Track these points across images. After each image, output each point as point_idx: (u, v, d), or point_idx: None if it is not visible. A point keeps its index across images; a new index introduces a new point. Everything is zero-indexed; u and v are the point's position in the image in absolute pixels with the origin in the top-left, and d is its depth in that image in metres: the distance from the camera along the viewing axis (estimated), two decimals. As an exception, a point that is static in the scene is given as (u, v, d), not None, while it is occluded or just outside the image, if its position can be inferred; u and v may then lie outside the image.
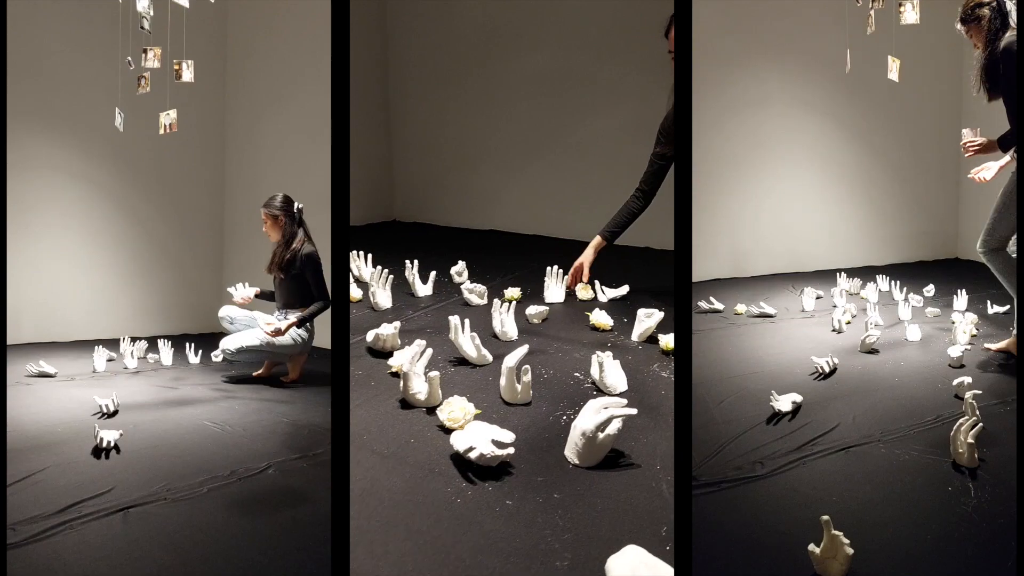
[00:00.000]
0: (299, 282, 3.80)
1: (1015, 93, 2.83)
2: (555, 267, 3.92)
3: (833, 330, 3.63)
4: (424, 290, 3.96)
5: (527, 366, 2.56)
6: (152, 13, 3.14)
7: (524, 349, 2.58)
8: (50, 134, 4.68)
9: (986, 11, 2.88)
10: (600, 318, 3.37)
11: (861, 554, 1.73)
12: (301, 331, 3.79)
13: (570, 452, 2.14)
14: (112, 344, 4.29)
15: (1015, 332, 3.17)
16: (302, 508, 2.31)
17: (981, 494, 2.05)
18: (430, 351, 2.56)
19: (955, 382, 2.74)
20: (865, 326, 3.52)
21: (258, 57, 5.17)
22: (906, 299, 3.94)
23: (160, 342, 4.21)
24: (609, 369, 2.67)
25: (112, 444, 2.68)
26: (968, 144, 3.12)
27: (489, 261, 4.77)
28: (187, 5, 3.04)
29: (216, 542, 2.06)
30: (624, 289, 3.90)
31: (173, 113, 3.36)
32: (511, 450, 2.07)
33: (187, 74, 3.33)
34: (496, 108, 5.97)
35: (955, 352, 3.07)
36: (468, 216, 6.17)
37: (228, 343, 3.73)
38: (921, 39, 3.93)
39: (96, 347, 4.04)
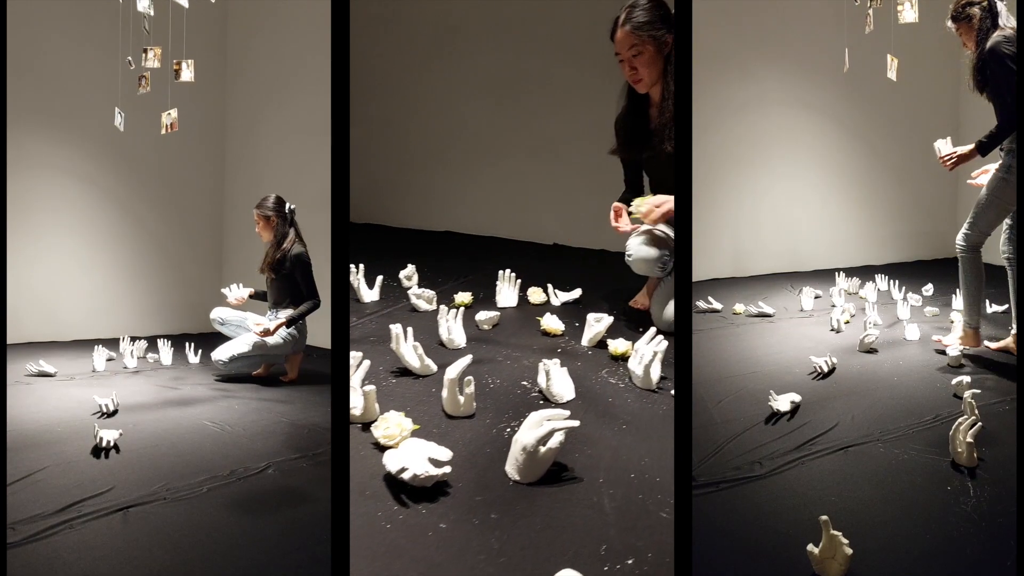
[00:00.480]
0: (290, 282, 3.84)
1: (1002, 93, 2.83)
2: (507, 271, 3.83)
3: (832, 329, 3.63)
4: (370, 295, 3.86)
5: (470, 377, 2.47)
6: (153, 13, 3.13)
7: (467, 359, 2.49)
8: (50, 134, 4.68)
9: (976, 10, 2.88)
10: (551, 323, 3.30)
11: (860, 554, 1.73)
12: (292, 330, 3.82)
13: (511, 468, 2.05)
14: (112, 344, 4.30)
15: (1014, 331, 3.18)
16: (302, 508, 2.31)
17: (980, 493, 2.05)
18: (367, 363, 2.48)
19: (954, 381, 2.75)
20: (864, 325, 3.53)
21: (258, 57, 5.17)
22: (905, 298, 3.94)
23: (160, 342, 4.21)
24: (556, 377, 2.60)
25: (112, 444, 2.68)
26: (946, 158, 3.09)
27: (442, 264, 4.66)
28: (186, 5, 3.04)
29: (216, 542, 2.05)
30: (576, 292, 3.84)
31: (174, 112, 3.36)
32: (447, 469, 1.99)
33: (187, 73, 3.32)
34: (451, 108, 5.82)
35: (954, 351, 3.08)
36: (423, 217, 6.02)
37: (220, 354, 3.77)
38: (920, 38, 3.93)
39: (96, 346, 4.04)
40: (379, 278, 3.97)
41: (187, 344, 4.25)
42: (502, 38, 5.55)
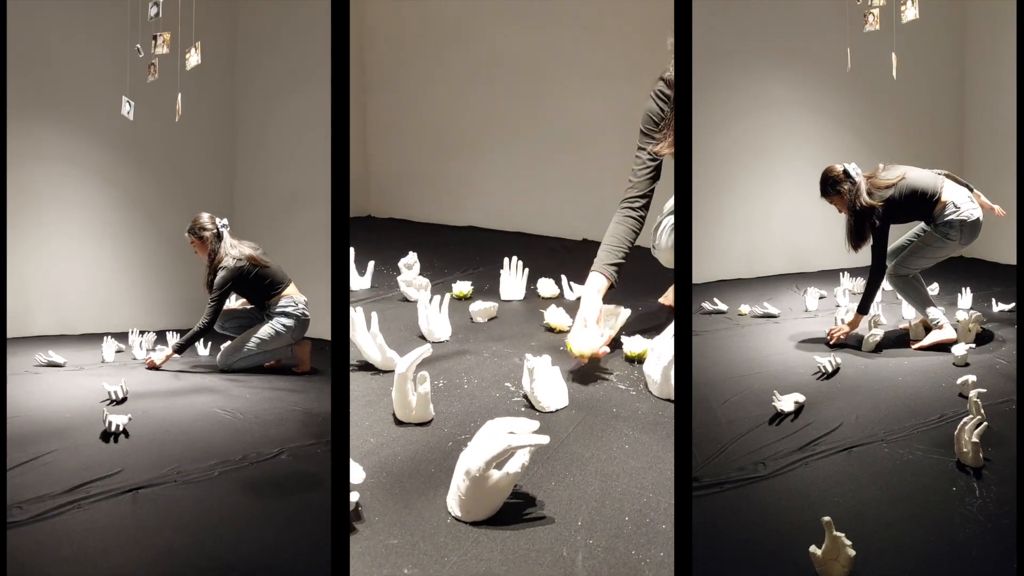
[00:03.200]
0: (240, 290, 3.88)
1: (871, 248, 3.28)
2: (514, 259, 3.49)
3: (837, 329, 3.62)
4: (360, 283, 3.63)
5: (424, 373, 2.05)
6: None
7: (422, 350, 2.05)
8: (59, 125, 4.67)
9: (846, 185, 3.25)
10: (556, 317, 2.93)
11: (863, 555, 1.71)
12: (284, 320, 3.78)
13: (451, 500, 1.58)
14: (121, 337, 4.27)
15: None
16: (315, 492, 2.27)
17: (986, 494, 2.03)
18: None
19: (959, 380, 2.74)
20: (868, 325, 3.52)
21: (268, 45, 5.13)
22: (910, 298, 3.93)
23: (169, 334, 4.19)
24: (543, 379, 2.14)
25: (121, 428, 2.64)
26: (837, 336, 3.38)
27: (456, 257, 4.43)
28: None
29: (228, 524, 2.02)
30: None
31: (179, 99, 3.29)
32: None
33: (194, 57, 3.20)
34: (475, 95, 5.61)
35: (959, 350, 3.07)
36: (445, 212, 5.86)
37: (220, 361, 3.77)
38: (923, 38, 3.93)
39: (105, 338, 4.03)
40: (371, 264, 3.74)
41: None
42: (523, 14, 5.30)
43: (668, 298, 3.33)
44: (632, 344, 2.60)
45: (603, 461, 1.86)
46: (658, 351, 2.31)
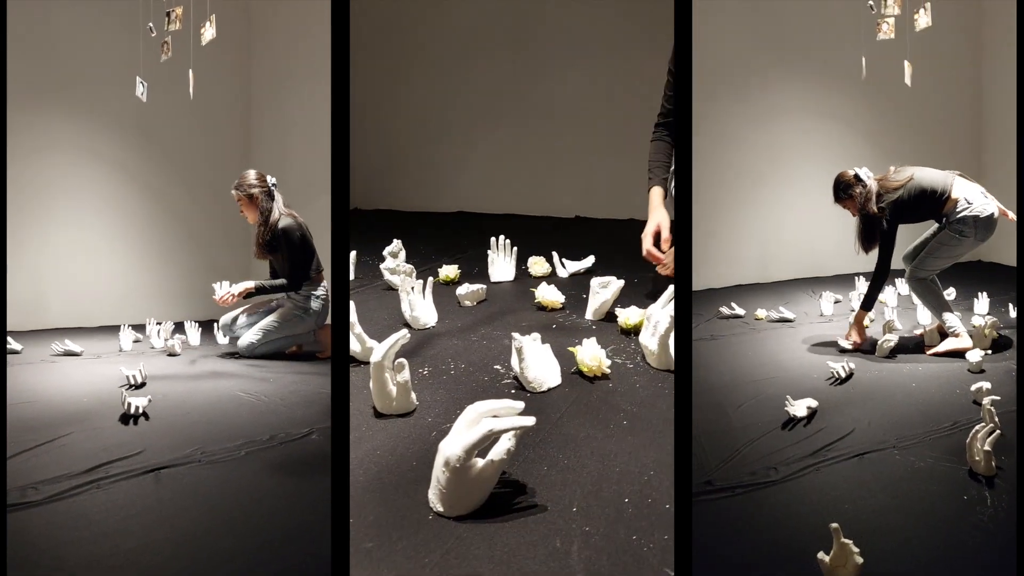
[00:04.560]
0: (299, 252, 3.68)
1: (890, 240, 3.28)
2: (502, 238, 3.40)
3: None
4: None
5: (402, 360, 1.95)
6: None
7: (398, 336, 1.96)
8: (72, 113, 4.65)
9: (858, 189, 3.26)
10: (548, 294, 2.89)
11: (872, 562, 1.69)
12: (312, 304, 3.70)
13: (433, 494, 1.47)
14: (138, 329, 4.26)
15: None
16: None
17: (997, 503, 2.00)
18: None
19: (973, 387, 2.70)
20: (883, 329, 3.52)
21: (282, 28, 5.08)
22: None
23: (187, 323, 4.17)
24: (532, 357, 2.06)
25: (141, 410, 2.60)
26: (851, 340, 3.39)
27: (443, 242, 4.31)
28: None
29: (256, 503, 1.95)
30: (588, 261, 3.39)
31: (190, 75, 3.17)
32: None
33: (209, 31, 3.08)
34: (454, 70, 5.43)
35: (974, 357, 3.04)
36: (433, 198, 5.74)
37: (241, 345, 3.70)
38: (938, 45, 3.91)
39: (122, 326, 4.03)
40: (352, 254, 3.63)
41: (215, 325, 4.13)
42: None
43: (667, 265, 3.27)
44: (627, 314, 2.53)
45: (599, 440, 1.77)
46: (654, 320, 2.24)
